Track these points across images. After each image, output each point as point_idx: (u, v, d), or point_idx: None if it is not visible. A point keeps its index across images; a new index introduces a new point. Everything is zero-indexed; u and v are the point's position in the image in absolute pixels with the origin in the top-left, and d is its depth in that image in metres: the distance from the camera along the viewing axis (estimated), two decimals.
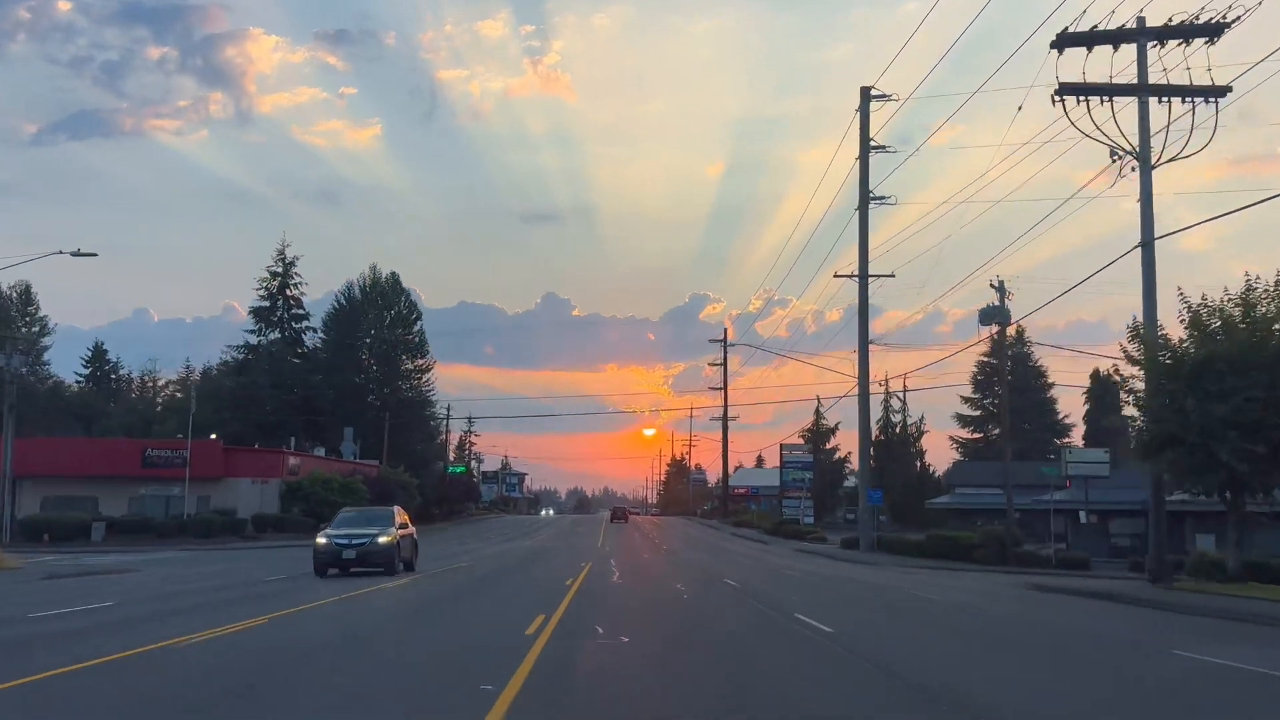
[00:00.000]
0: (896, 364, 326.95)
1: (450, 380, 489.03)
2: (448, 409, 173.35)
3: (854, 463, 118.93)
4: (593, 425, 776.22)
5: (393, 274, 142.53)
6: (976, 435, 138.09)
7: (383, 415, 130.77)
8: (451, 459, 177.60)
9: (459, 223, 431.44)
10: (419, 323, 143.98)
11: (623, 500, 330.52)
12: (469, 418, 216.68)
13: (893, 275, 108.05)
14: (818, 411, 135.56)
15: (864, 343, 75.30)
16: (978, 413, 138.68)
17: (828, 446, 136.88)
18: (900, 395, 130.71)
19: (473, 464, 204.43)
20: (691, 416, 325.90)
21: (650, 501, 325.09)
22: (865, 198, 74.39)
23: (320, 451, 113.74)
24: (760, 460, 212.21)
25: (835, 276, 68.56)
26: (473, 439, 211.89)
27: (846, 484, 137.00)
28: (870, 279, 74.93)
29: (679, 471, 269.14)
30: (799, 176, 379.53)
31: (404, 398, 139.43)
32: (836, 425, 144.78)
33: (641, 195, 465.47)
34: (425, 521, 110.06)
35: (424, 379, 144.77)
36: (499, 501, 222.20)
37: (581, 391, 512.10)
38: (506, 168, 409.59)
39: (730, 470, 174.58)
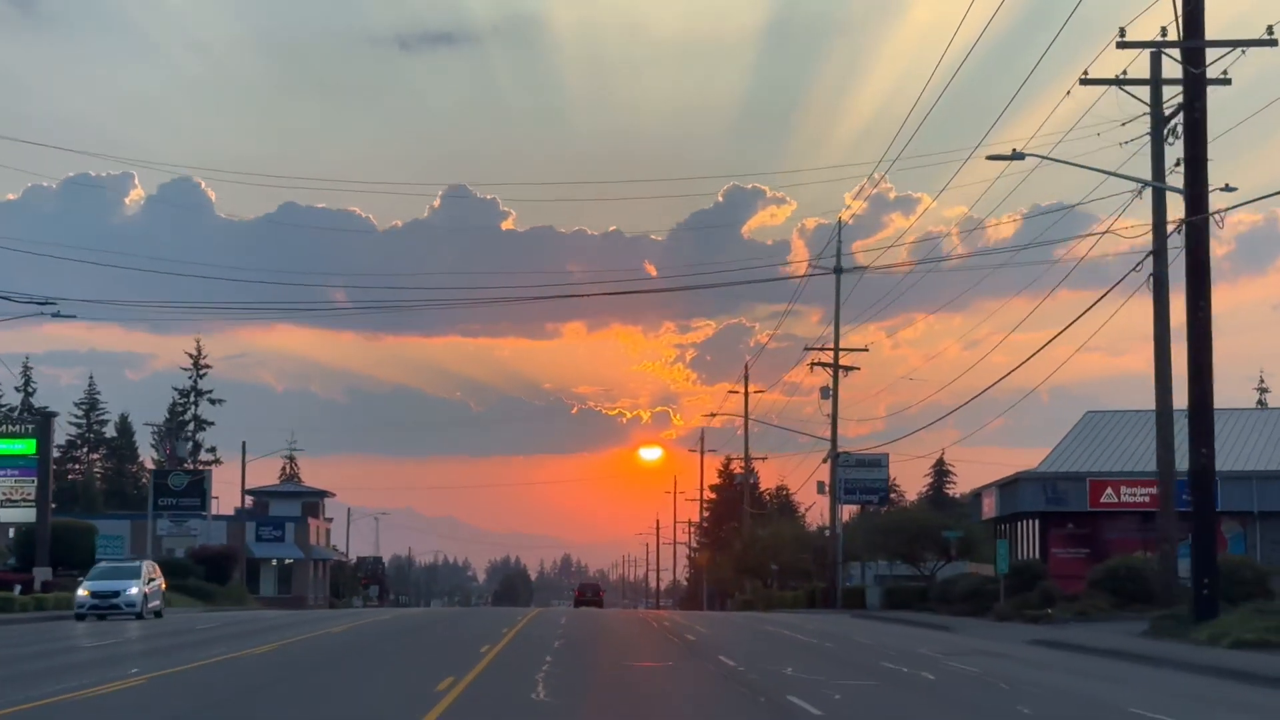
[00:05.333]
0: None
1: (266, 348, 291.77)
2: None
3: None
4: (541, 441, 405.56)
5: None
6: None
7: None
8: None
9: (280, 57, 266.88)
10: None
11: (596, 581, 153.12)
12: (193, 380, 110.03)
13: None
14: None
15: None
16: None
17: None
18: None
19: (180, 453, 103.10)
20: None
21: (664, 580, 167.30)
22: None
23: None
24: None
25: (988, 159, 45.19)
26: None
27: None
28: None
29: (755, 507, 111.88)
30: None
31: None
32: None
33: None
34: None
35: None
36: (228, 559, 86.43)
37: (517, 377, 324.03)
38: None
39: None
